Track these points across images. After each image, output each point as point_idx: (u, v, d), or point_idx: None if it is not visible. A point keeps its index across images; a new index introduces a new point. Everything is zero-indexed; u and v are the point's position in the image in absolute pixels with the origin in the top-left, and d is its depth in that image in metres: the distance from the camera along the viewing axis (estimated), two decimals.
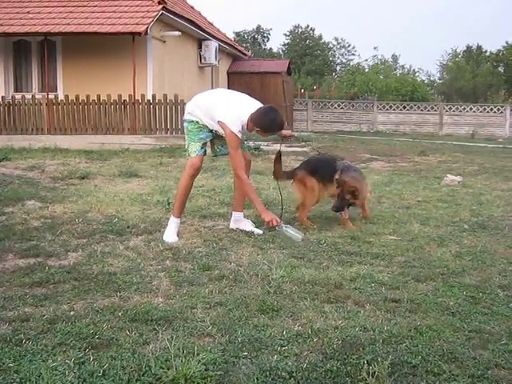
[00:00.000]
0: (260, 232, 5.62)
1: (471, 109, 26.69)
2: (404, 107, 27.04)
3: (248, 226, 5.72)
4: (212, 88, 19.15)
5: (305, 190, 6.02)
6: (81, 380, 2.70)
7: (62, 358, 2.88)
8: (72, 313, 3.51)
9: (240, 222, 5.79)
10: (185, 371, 2.69)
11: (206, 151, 5.60)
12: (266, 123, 5.31)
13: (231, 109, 5.32)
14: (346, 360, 2.93)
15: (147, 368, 2.79)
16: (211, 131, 5.51)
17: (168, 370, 2.73)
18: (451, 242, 5.42)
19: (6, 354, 2.92)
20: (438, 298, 3.89)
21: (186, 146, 5.55)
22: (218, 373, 2.78)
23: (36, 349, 2.99)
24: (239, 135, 5.28)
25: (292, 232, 5.29)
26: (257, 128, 5.31)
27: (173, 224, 5.48)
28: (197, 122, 5.46)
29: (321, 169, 6.12)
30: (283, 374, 2.79)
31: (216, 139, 5.66)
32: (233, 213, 5.87)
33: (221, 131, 5.35)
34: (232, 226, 5.81)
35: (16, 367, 2.79)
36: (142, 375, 2.74)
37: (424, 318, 3.52)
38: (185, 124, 5.59)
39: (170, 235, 5.39)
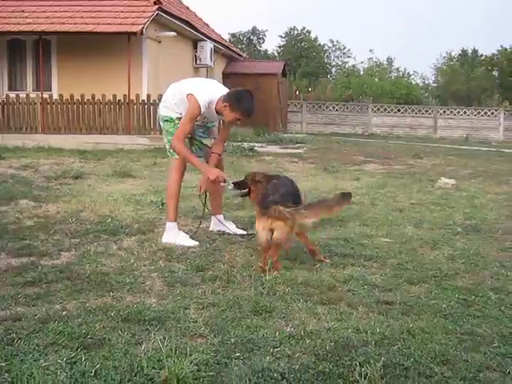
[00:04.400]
0: (243, 232, 5.59)
1: (465, 112, 26.80)
2: (398, 110, 27.15)
3: (231, 227, 5.66)
4: None
5: None
6: (72, 380, 2.69)
7: (53, 358, 2.88)
8: (64, 312, 3.50)
9: (220, 224, 5.70)
10: (177, 372, 2.68)
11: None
12: (247, 106, 5.12)
13: (201, 86, 5.36)
14: (339, 362, 2.94)
15: (139, 368, 2.79)
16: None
17: (160, 370, 2.73)
18: (444, 245, 5.43)
19: None
20: (430, 300, 3.90)
21: (168, 147, 5.40)
22: (211, 373, 2.78)
23: (28, 348, 2.99)
24: (202, 109, 5.14)
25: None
26: (235, 111, 5.08)
27: (173, 229, 5.36)
28: (171, 118, 5.35)
29: None
30: (275, 375, 2.79)
31: (195, 139, 5.59)
32: (212, 216, 5.80)
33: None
34: (212, 228, 5.77)
35: (7, 367, 2.78)
36: (134, 375, 2.74)
37: (416, 321, 3.52)
38: (161, 124, 5.49)
39: (186, 240, 5.26)
